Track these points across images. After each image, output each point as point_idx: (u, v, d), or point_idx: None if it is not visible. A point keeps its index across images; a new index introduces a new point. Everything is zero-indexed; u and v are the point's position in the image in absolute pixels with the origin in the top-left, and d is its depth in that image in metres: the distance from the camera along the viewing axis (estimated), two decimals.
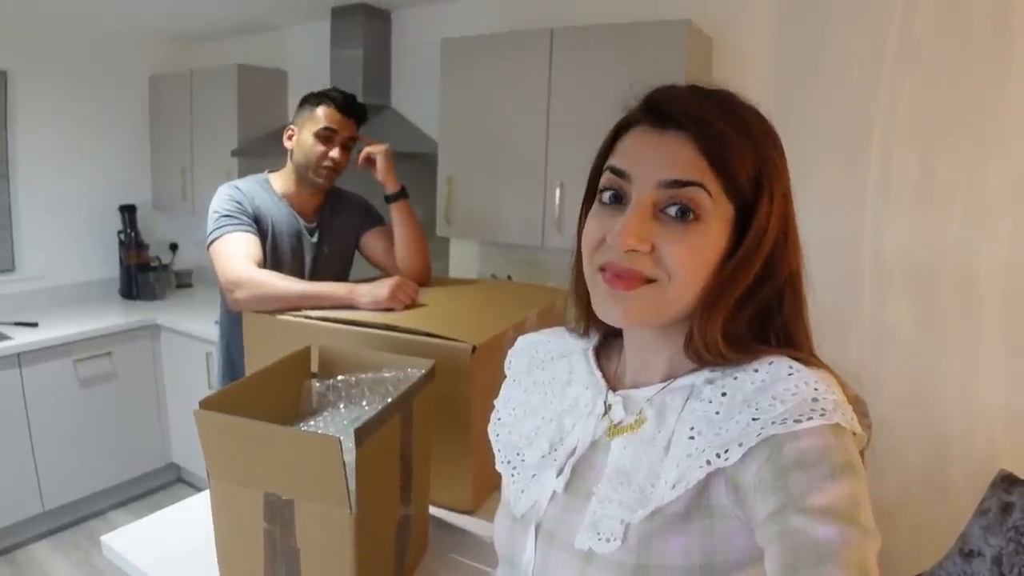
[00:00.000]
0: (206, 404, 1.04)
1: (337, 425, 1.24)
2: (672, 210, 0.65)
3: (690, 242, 0.65)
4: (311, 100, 2.03)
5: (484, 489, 1.59)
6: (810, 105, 2.41)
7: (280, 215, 2.03)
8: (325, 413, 1.31)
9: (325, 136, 1.98)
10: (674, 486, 0.64)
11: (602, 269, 0.69)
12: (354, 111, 2.05)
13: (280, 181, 2.08)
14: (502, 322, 1.62)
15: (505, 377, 0.95)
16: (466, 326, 1.56)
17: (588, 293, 0.74)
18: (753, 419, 0.62)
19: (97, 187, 3.96)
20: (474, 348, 1.43)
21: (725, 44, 2.57)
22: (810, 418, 0.59)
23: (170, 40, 4.18)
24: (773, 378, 0.64)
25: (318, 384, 1.36)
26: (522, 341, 0.93)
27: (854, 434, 0.61)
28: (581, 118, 2.52)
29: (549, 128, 2.60)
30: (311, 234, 2.11)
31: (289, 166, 2.07)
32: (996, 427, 2.21)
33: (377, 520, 1.10)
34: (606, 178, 0.70)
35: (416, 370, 1.31)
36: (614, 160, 0.70)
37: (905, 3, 2.24)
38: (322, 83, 3.51)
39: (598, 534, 0.68)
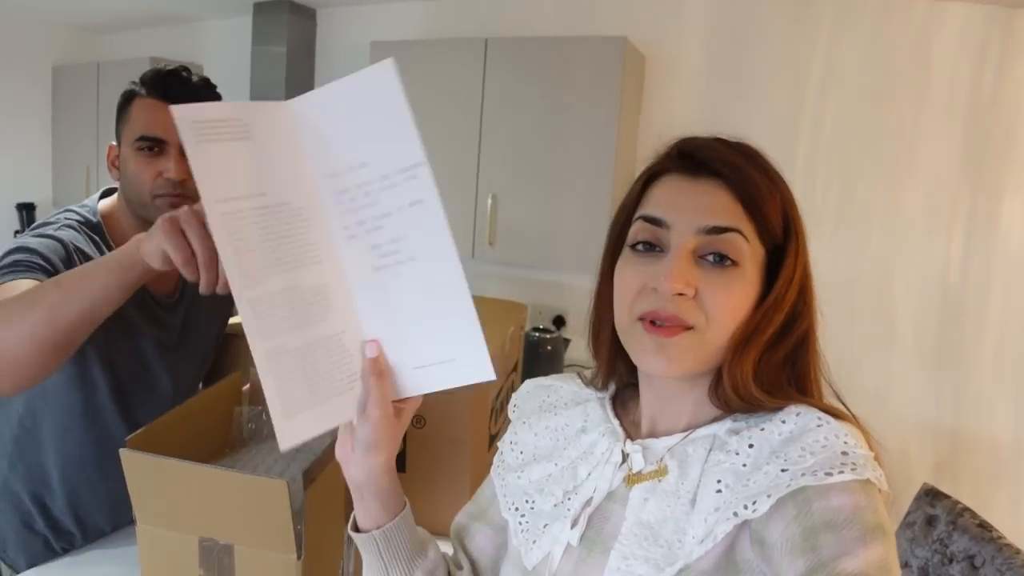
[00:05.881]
0: (132, 443, 0.97)
1: (274, 456, 1.18)
2: (711, 256, 0.66)
3: (730, 286, 0.66)
4: (123, 97, 1.27)
5: None
6: (736, 127, 2.45)
7: None
8: (254, 445, 1.24)
9: (146, 147, 1.21)
10: (702, 541, 0.62)
11: (641, 318, 0.67)
12: (183, 89, 1.26)
13: (118, 231, 1.27)
14: (489, 343, 1.56)
15: (497, 412, 0.92)
16: None
17: (612, 346, 0.74)
18: (782, 470, 0.60)
19: None
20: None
21: (656, 62, 2.60)
22: (841, 472, 0.58)
23: (76, 29, 3.94)
24: (801, 429, 0.63)
25: (247, 411, 1.29)
26: (530, 384, 0.90)
27: (880, 491, 0.60)
28: (515, 129, 2.50)
29: (482, 138, 2.57)
30: (169, 312, 1.34)
31: (122, 202, 1.29)
32: (909, 438, 2.32)
33: (323, 562, 1.05)
34: (639, 227, 0.70)
35: None
36: (648, 210, 0.70)
37: (830, 31, 2.33)
38: (242, 79, 3.40)
39: None
